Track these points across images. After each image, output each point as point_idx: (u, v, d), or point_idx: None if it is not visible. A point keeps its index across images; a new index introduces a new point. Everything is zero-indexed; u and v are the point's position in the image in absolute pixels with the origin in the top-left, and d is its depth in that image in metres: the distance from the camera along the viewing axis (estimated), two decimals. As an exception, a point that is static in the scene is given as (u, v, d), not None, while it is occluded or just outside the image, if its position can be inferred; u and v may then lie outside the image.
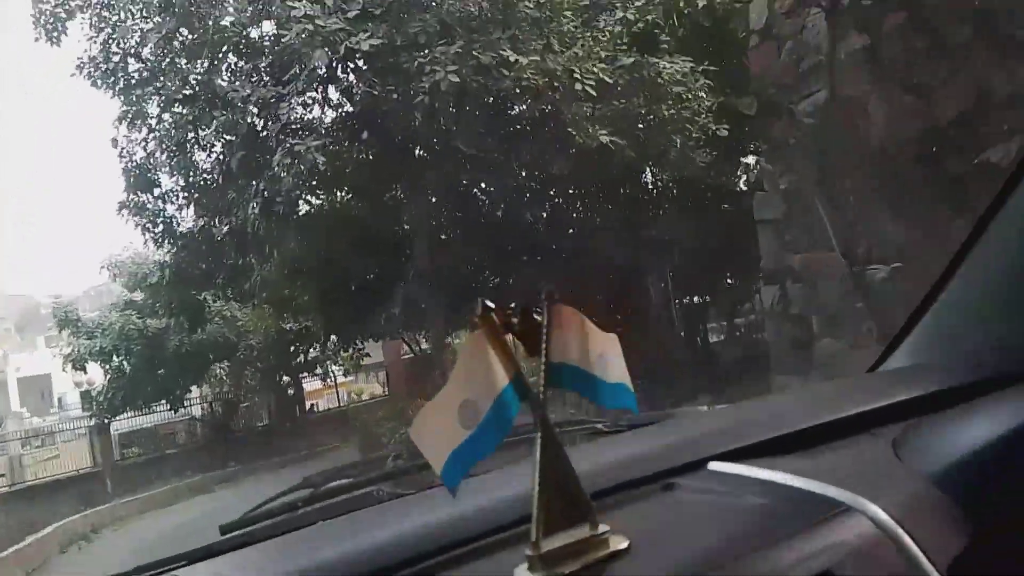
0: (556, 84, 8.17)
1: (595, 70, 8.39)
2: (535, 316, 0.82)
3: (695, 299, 17.30)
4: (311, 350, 24.02)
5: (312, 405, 25.94)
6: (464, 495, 0.82)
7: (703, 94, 9.37)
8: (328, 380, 25.82)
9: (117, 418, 19.84)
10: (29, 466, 19.55)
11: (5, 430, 22.54)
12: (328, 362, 24.71)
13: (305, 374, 24.28)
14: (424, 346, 28.75)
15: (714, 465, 1.11)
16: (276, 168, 8.31)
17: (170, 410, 21.16)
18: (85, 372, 18.90)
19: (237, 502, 16.52)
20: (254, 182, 9.28)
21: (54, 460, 19.95)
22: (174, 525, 14.49)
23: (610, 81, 8.57)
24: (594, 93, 8.70)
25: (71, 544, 13.68)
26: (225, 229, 11.40)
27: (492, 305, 0.80)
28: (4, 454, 19.41)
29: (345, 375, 26.23)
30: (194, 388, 22.07)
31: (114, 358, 18.38)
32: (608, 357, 0.90)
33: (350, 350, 17.63)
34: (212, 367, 21.63)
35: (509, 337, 0.80)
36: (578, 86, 8.44)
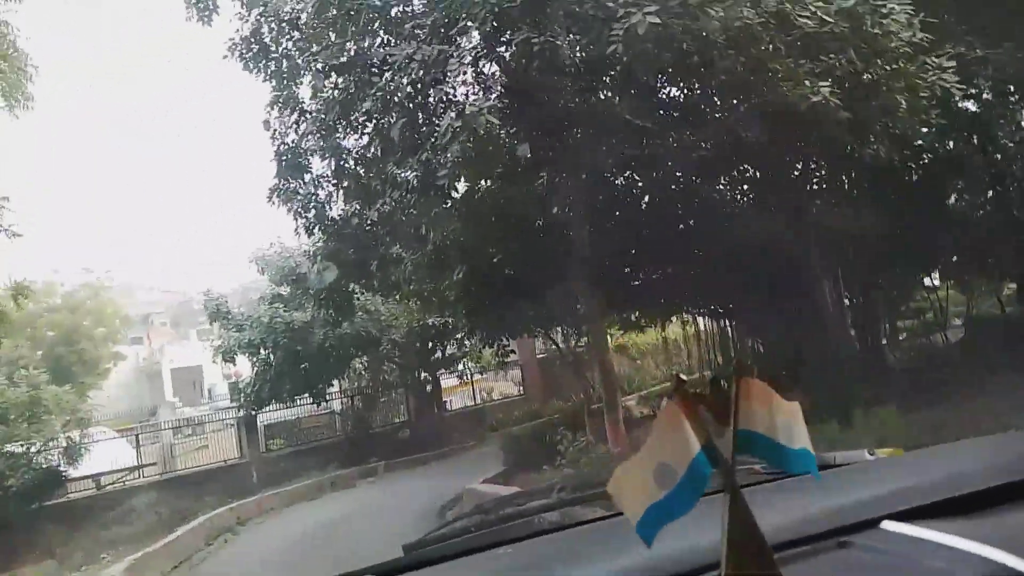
0: (771, 24, 6.81)
1: (812, 9, 6.99)
2: (724, 387, 0.90)
3: (871, 295, 15.41)
4: (449, 346, 23.56)
5: (447, 402, 25.45)
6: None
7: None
8: (464, 377, 25.24)
9: (263, 410, 19.89)
10: (179, 455, 19.97)
11: (159, 419, 23.30)
12: (465, 359, 24.16)
13: (443, 371, 23.76)
14: (560, 344, 27.80)
15: (888, 525, 1.12)
16: (442, 134, 7.41)
17: (313, 403, 21.12)
18: (234, 364, 19.07)
19: (379, 497, 16.06)
20: (413, 156, 8.45)
21: (203, 450, 20.31)
22: (318, 521, 14.12)
23: (830, 22, 7.11)
24: (806, 40, 7.29)
25: (217, 536, 13.52)
26: (375, 215, 10.69)
27: (685, 378, 0.91)
28: (157, 442, 19.92)
29: (481, 372, 25.58)
30: (335, 382, 21.99)
31: (261, 351, 18.42)
32: (792, 425, 0.97)
33: (495, 346, 16.67)
34: (353, 362, 21.43)
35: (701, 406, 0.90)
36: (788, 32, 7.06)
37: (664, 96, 9.02)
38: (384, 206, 10.23)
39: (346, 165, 10.24)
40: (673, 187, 12.15)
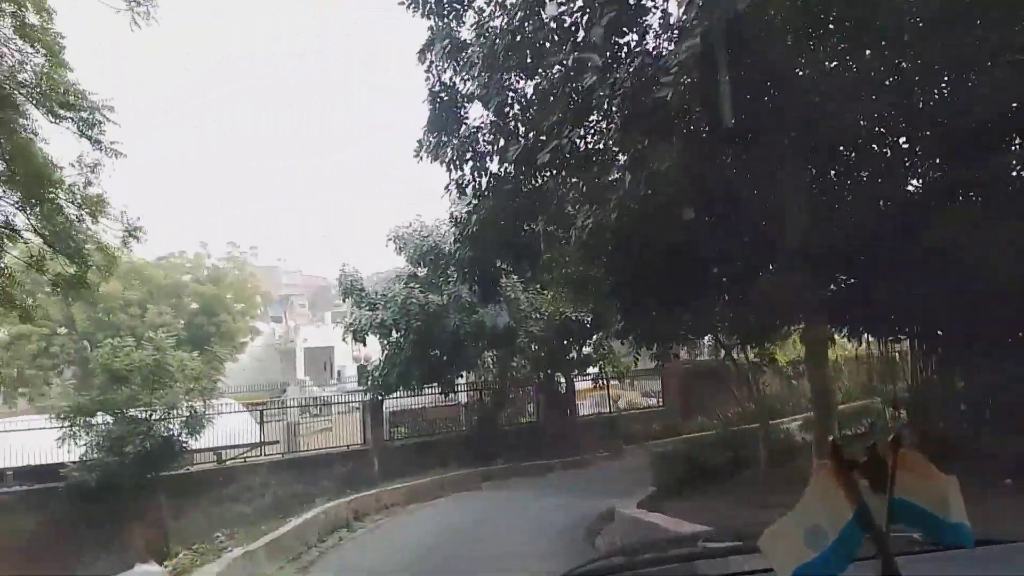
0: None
1: None
2: (881, 455, 0.93)
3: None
4: (586, 345, 21.77)
5: (578, 407, 23.64)
6: None
7: None
8: (599, 382, 23.30)
9: (389, 396, 18.83)
10: (303, 435, 19.24)
11: (287, 397, 22.84)
12: (604, 361, 22.26)
13: (577, 372, 21.95)
14: (705, 356, 25.31)
15: None
16: (625, 86, 5.68)
17: (440, 394, 19.92)
18: (364, 344, 18.09)
19: (506, 506, 14.38)
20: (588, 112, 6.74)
21: (326, 432, 19.51)
22: (439, 526, 12.71)
23: None
24: None
25: (331, 532, 12.34)
26: (536, 180, 9.03)
27: (840, 443, 0.94)
28: (282, 420, 19.29)
29: (619, 378, 23.57)
30: (464, 374, 20.67)
31: (393, 332, 17.33)
32: (949, 498, 0.98)
33: (655, 347, 14.66)
34: (484, 355, 20.05)
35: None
36: None
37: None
38: (546, 171, 8.55)
39: (510, 112, 8.64)
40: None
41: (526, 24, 7.52)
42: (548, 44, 7.55)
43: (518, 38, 7.63)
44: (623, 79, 6.85)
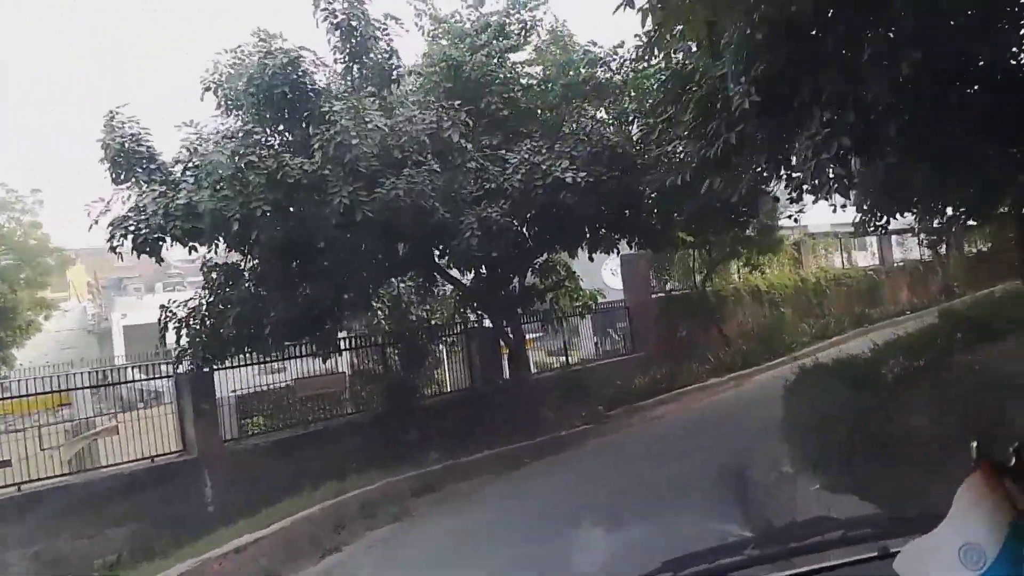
0: None
1: None
2: None
3: None
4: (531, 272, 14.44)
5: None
6: None
7: None
8: (552, 324, 15.96)
9: (222, 365, 10.74)
10: (68, 446, 10.71)
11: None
12: (556, 293, 14.99)
13: (522, 310, 14.50)
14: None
15: None
16: None
17: (315, 356, 11.99)
18: (158, 259, 9.24)
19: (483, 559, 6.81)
20: None
21: (118, 437, 11.01)
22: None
23: None
24: None
25: None
26: None
27: (986, 449, 0.84)
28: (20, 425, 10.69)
29: (563, 319, 16.38)
30: (354, 321, 12.83)
31: (220, 234, 9.09)
32: None
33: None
34: (394, 281, 12.31)
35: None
36: None
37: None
38: None
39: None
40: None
41: None
42: None
43: None
44: None
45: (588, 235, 13.23)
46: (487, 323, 14.35)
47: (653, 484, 9.02)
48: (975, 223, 29.54)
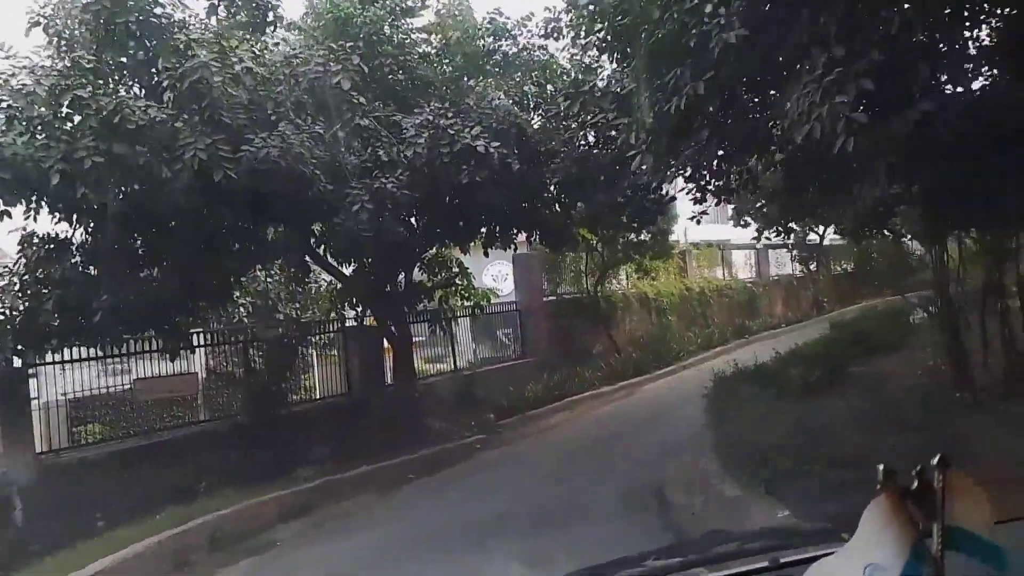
0: None
1: None
2: (929, 480, 0.88)
3: None
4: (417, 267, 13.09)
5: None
6: None
7: None
8: (440, 324, 14.61)
9: (41, 360, 8.75)
10: None
11: None
12: (445, 293, 13.69)
13: (408, 309, 13.08)
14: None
15: None
16: None
17: (161, 353, 10.11)
18: None
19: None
20: None
21: None
22: None
23: None
24: None
25: None
26: None
27: (894, 471, 0.88)
28: None
29: (453, 320, 15.10)
30: (213, 310, 11.02)
31: (34, 195, 7.19)
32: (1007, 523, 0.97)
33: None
34: (256, 269, 10.60)
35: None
36: None
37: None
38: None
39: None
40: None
41: None
42: None
43: None
44: None
45: (485, 227, 12.06)
46: (369, 322, 12.85)
47: (552, 502, 7.95)
48: (843, 242, 30.93)
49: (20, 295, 8.12)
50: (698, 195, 12.04)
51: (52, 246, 8.25)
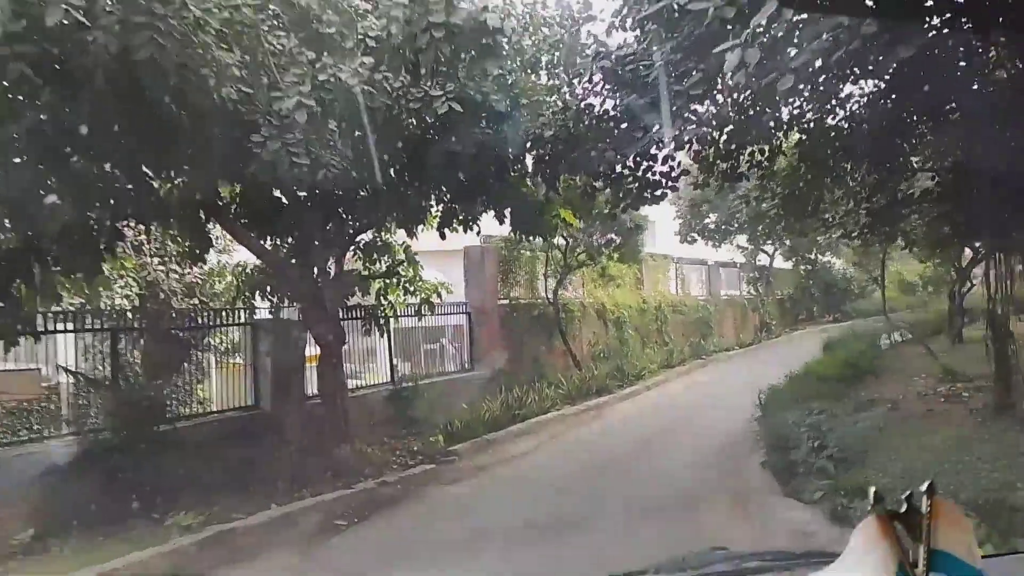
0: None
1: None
2: (917, 505, 0.90)
3: None
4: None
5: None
6: None
7: None
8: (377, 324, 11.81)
9: None
10: None
11: None
12: (387, 285, 10.98)
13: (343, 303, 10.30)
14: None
15: None
16: None
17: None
18: None
19: None
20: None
21: None
22: None
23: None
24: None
25: None
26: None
27: (882, 496, 0.91)
28: None
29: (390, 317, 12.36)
30: (73, 286, 7.95)
31: None
32: (973, 545, 0.96)
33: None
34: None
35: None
36: None
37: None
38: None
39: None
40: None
41: None
42: None
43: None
44: None
45: (446, 200, 9.54)
46: (288, 315, 10.03)
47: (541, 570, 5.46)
48: (788, 266, 29.92)
49: None
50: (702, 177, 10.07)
51: None
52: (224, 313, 9.88)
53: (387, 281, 10.91)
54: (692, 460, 9.06)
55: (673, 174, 8.97)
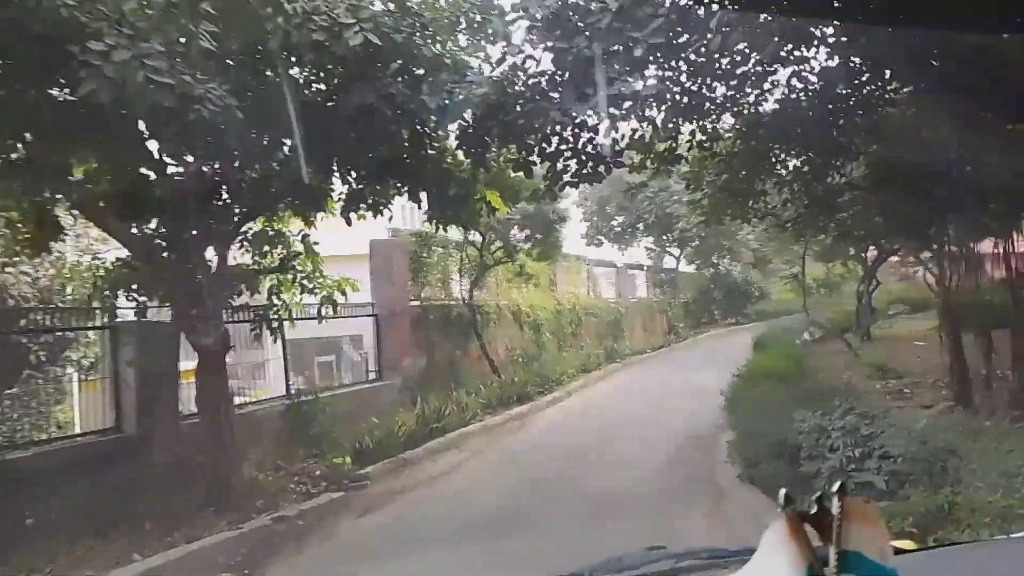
0: None
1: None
2: (827, 506, 0.85)
3: None
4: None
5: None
6: None
7: None
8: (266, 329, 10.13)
9: None
10: None
11: None
12: (280, 282, 9.36)
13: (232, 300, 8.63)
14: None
15: None
16: None
17: None
18: None
19: None
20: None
21: None
22: None
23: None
24: None
25: None
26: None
27: (792, 497, 0.85)
28: None
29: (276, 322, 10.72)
30: None
31: None
32: (886, 547, 0.93)
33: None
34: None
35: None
36: None
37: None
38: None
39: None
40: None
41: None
42: None
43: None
44: None
45: (351, 177, 8.11)
46: (160, 317, 8.30)
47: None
48: (692, 269, 29.88)
49: None
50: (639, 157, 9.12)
51: None
52: (75, 315, 8.03)
53: (281, 277, 9.29)
54: (641, 475, 7.96)
55: (617, 148, 7.90)
